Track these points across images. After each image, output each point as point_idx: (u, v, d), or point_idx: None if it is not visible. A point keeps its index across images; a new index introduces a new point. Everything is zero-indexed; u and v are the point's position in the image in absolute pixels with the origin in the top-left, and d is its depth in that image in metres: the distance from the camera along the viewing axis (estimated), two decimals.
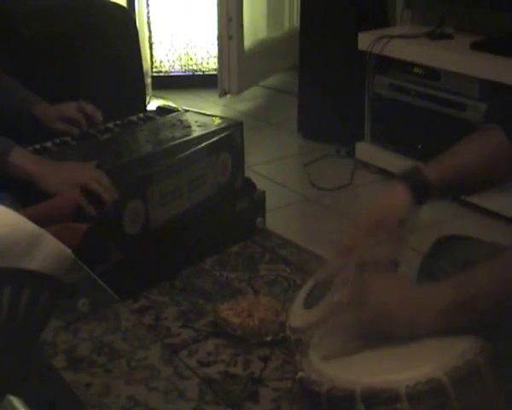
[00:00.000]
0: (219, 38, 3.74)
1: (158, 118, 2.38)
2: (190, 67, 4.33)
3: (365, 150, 3.05)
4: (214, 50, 4.07)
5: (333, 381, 0.98)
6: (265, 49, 4.04)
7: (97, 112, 2.17)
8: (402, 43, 2.81)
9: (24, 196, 1.71)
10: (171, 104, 2.99)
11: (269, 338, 1.83)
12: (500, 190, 2.12)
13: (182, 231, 2.16)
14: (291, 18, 4.25)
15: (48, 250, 0.74)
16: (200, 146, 2.19)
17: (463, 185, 1.28)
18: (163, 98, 3.91)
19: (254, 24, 3.97)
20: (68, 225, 0.92)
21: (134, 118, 2.36)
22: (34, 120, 2.10)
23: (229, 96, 3.90)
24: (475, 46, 2.62)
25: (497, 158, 1.25)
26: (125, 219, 1.96)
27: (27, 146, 2.02)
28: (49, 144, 2.09)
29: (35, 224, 0.74)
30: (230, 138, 2.31)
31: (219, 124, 2.34)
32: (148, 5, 4.12)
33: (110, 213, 1.89)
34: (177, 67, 4.33)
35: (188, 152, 2.15)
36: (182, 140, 2.19)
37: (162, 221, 2.08)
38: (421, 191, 1.22)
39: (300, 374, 1.04)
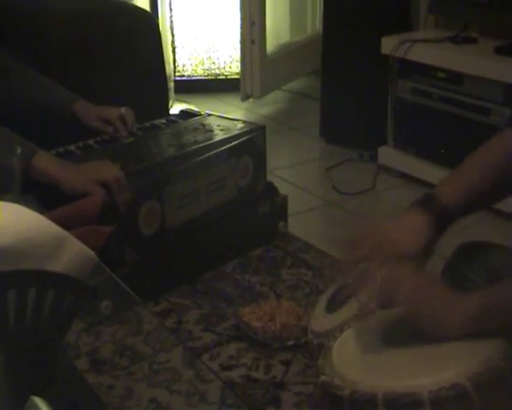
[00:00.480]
0: (242, 42, 3.75)
1: (180, 122, 2.39)
2: (213, 71, 4.34)
3: (388, 155, 3.04)
4: (237, 54, 4.07)
5: (355, 385, 0.98)
6: (288, 53, 4.05)
7: (134, 124, 2.22)
8: (425, 47, 2.80)
9: (48, 198, 1.71)
10: (194, 108, 3.00)
11: (291, 342, 1.83)
12: None
13: (201, 234, 2.16)
14: (314, 22, 4.25)
15: (72, 253, 0.74)
16: (218, 149, 2.19)
17: (484, 199, 1.24)
18: (186, 102, 3.93)
19: (277, 28, 3.98)
20: (92, 228, 0.93)
21: (157, 122, 2.37)
22: (73, 116, 2.13)
23: (251, 100, 3.90)
24: (500, 50, 2.60)
25: None
26: (140, 219, 1.97)
27: (65, 143, 2.06)
28: (72, 147, 2.11)
29: (59, 226, 0.75)
30: (252, 142, 2.31)
31: (241, 128, 2.34)
32: (171, 9, 4.14)
33: (124, 214, 1.90)
34: (200, 71, 4.34)
35: (205, 155, 2.15)
36: (204, 144, 2.19)
37: (179, 223, 2.09)
38: (443, 221, 1.18)
39: (323, 378, 1.04)
